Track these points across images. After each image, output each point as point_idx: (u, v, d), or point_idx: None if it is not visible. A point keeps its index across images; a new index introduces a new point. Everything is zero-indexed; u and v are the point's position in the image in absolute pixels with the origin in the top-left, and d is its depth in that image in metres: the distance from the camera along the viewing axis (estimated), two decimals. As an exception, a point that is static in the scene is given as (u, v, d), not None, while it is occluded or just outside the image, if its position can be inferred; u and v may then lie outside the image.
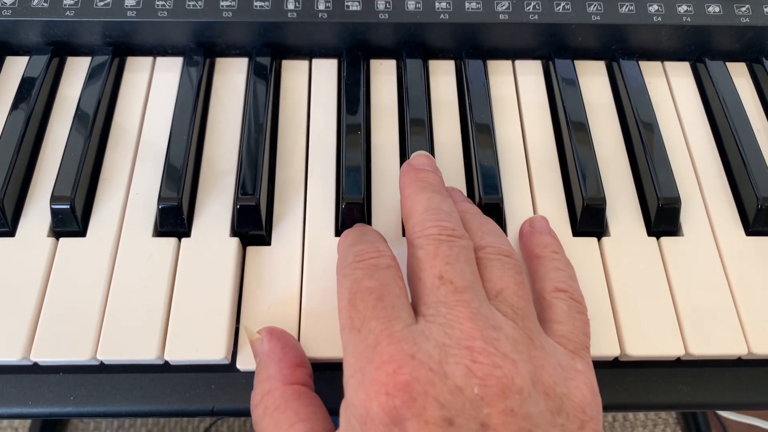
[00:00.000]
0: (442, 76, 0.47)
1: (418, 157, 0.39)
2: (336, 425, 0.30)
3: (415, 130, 0.42)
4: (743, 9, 0.46)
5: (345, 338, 0.30)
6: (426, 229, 0.33)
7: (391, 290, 0.30)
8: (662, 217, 0.40)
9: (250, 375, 0.37)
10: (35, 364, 0.36)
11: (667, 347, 0.36)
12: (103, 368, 0.37)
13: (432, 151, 0.43)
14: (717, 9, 0.46)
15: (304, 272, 0.38)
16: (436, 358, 0.27)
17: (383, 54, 0.47)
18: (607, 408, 0.37)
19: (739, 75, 0.48)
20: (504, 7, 0.45)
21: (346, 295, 0.31)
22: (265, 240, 0.39)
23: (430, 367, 0.27)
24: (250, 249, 0.39)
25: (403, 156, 0.43)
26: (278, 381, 0.32)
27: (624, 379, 0.38)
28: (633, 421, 1.27)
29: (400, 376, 0.27)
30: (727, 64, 0.47)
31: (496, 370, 0.27)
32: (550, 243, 0.37)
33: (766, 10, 0.46)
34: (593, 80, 0.47)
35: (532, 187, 0.42)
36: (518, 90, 0.46)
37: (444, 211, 0.34)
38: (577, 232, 0.40)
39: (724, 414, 1.10)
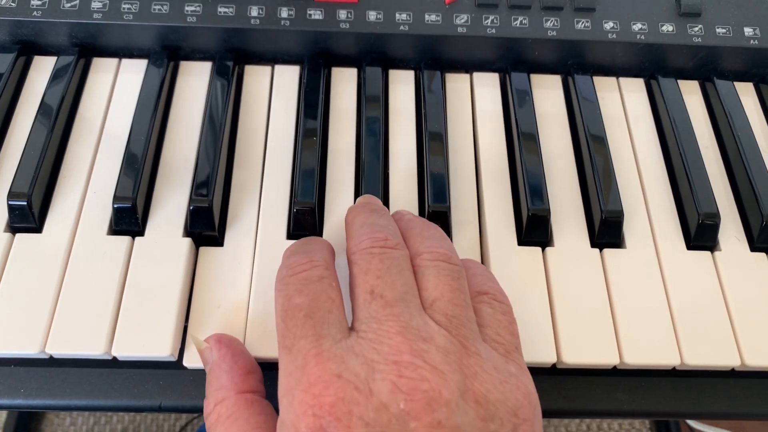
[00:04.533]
0: (401, 85, 0.47)
1: (362, 197, 0.40)
2: None
3: (371, 136, 0.43)
4: (696, 29, 0.47)
5: (279, 357, 0.31)
6: (360, 243, 0.33)
7: (321, 305, 0.31)
8: (605, 230, 0.41)
9: (197, 372, 0.37)
10: (-15, 356, 0.37)
11: (604, 356, 0.37)
12: (53, 362, 0.37)
13: (387, 158, 0.44)
14: (670, 28, 0.47)
15: (254, 274, 0.39)
16: (363, 375, 0.28)
17: (345, 62, 0.48)
18: (547, 414, 0.38)
19: (692, 93, 0.49)
20: (463, 20, 0.46)
21: (279, 313, 0.32)
22: (218, 241, 0.40)
23: (356, 385, 0.28)
24: (203, 249, 0.40)
25: (359, 162, 0.43)
26: (230, 390, 0.33)
27: (563, 386, 0.39)
28: (607, 430, 1.28)
29: (326, 397, 0.27)
30: (681, 81, 0.49)
31: (422, 383, 0.27)
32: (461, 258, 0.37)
33: (718, 30, 0.47)
34: (548, 94, 0.48)
35: (482, 196, 0.43)
36: (474, 101, 0.47)
37: (378, 225, 0.34)
38: (522, 241, 0.41)
39: (698, 426, 1.11)
